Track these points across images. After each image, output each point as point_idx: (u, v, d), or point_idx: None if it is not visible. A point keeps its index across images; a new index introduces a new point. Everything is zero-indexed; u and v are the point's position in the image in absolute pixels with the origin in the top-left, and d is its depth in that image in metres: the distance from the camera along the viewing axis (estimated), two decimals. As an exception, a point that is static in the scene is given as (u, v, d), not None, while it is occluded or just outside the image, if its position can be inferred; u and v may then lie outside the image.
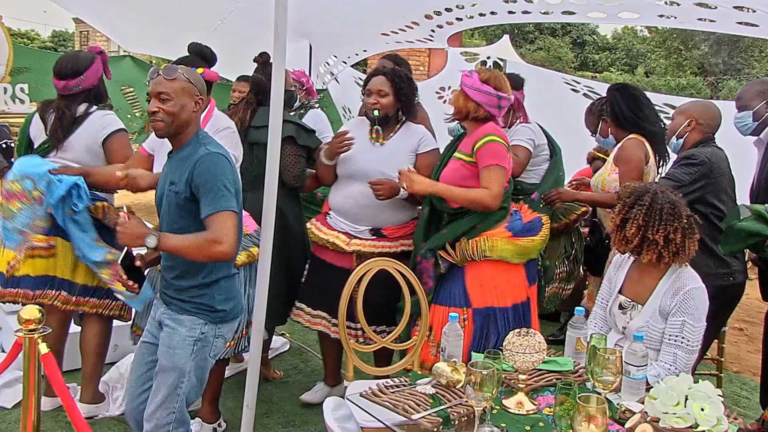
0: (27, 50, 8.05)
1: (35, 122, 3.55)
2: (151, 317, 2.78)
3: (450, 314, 2.74)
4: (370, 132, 3.64)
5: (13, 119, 5.75)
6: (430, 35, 5.83)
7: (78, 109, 3.46)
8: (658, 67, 29.73)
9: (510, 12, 4.64)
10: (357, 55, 6.99)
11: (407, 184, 3.32)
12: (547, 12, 4.52)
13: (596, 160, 5.50)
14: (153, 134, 3.85)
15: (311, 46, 7.02)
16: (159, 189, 2.70)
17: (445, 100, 8.16)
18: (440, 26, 5.47)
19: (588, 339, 2.56)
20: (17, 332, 2.56)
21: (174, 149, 2.63)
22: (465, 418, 2.28)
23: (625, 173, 3.71)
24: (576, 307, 2.79)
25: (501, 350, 2.40)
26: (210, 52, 3.56)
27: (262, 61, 3.95)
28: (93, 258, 3.34)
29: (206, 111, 3.20)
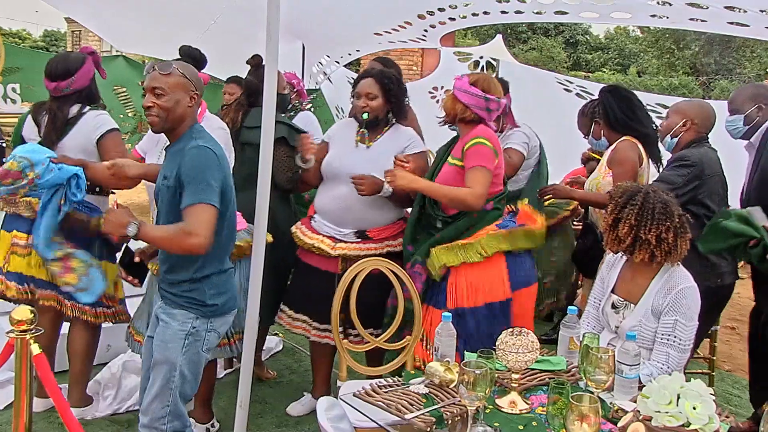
0: (18, 50, 8.01)
1: (28, 124, 3.54)
2: (153, 313, 2.80)
3: (443, 314, 2.74)
4: (357, 134, 3.63)
5: (5, 119, 5.74)
6: (423, 35, 5.82)
7: (71, 111, 3.44)
8: (651, 67, 29.82)
9: (503, 12, 4.64)
10: (350, 55, 6.99)
11: (390, 179, 3.32)
12: (540, 12, 4.52)
13: (591, 161, 5.51)
14: (146, 136, 3.86)
15: (304, 46, 7.01)
16: (156, 184, 2.72)
17: (438, 100, 8.16)
18: (433, 26, 5.46)
19: (581, 338, 2.57)
20: (9, 333, 2.55)
21: (170, 144, 2.65)
22: (458, 418, 2.28)
23: (620, 175, 3.71)
24: (569, 307, 2.80)
25: (494, 350, 2.41)
26: (200, 54, 3.56)
27: (255, 63, 3.95)
28: (45, 254, 3.28)
29: (198, 113, 3.19)
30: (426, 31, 5.66)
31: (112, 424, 3.62)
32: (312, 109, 7.47)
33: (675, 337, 2.63)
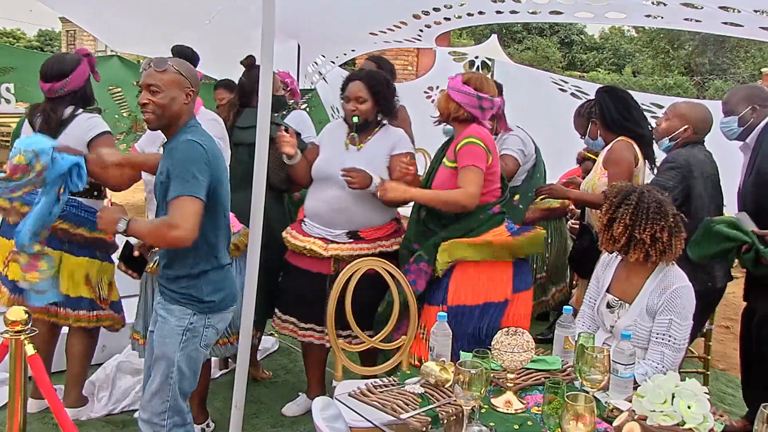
0: (13, 50, 8.01)
1: (25, 126, 3.54)
2: (153, 308, 2.81)
3: (438, 314, 2.74)
4: (347, 137, 3.61)
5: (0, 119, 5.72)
6: (418, 35, 5.82)
7: (64, 112, 3.44)
8: (646, 67, 29.90)
9: (498, 12, 4.64)
10: (345, 55, 6.98)
11: (380, 194, 3.32)
12: (535, 12, 4.52)
13: (586, 161, 5.52)
14: (145, 134, 3.87)
15: (299, 46, 7.01)
16: (154, 181, 2.74)
17: (433, 100, 8.17)
18: (428, 26, 5.46)
19: (576, 338, 2.58)
20: (3, 334, 2.54)
21: (166, 141, 2.65)
22: (454, 418, 2.28)
23: (615, 175, 3.72)
24: (564, 307, 2.81)
25: (489, 349, 2.41)
26: (192, 52, 3.56)
27: (248, 64, 3.96)
28: (25, 242, 3.17)
29: (194, 109, 3.20)
30: (421, 31, 5.66)
31: (107, 425, 3.61)
32: (307, 110, 7.47)
33: (670, 337, 2.64)
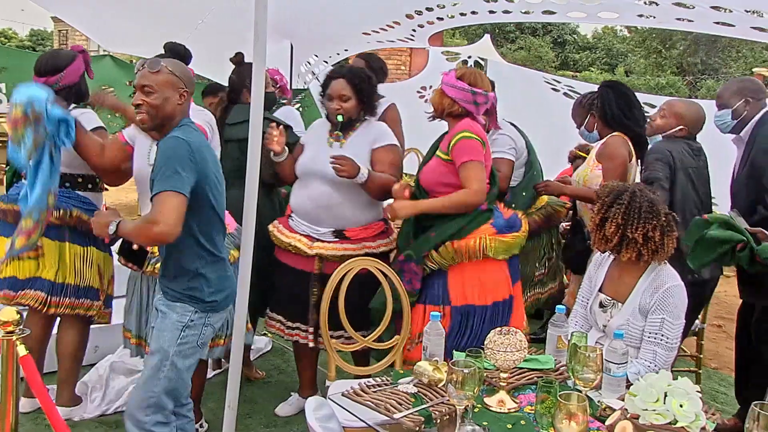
0: (4, 49, 7.99)
1: None
2: (153, 305, 2.82)
3: (431, 313, 2.74)
4: (330, 135, 3.59)
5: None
6: (411, 35, 5.83)
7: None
8: (638, 67, 29.99)
9: (491, 11, 4.65)
10: (338, 55, 6.98)
11: (391, 215, 3.31)
12: (528, 12, 4.53)
13: (577, 159, 5.52)
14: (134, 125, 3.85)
15: (292, 46, 7.00)
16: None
17: (426, 99, 8.18)
18: (421, 26, 5.47)
19: (569, 337, 2.58)
20: (-5, 334, 2.53)
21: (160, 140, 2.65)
22: (447, 417, 2.28)
23: (609, 170, 3.73)
24: (557, 306, 2.81)
25: (482, 348, 2.41)
26: (184, 50, 3.55)
27: (237, 61, 3.97)
28: (37, 206, 3.13)
29: (189, 109, 3.20)
30: (414, 31, 5.66)
31: (100, 426, 3.60)
32: (300, 109, 7.45)
33: (662, 336, 2.64)
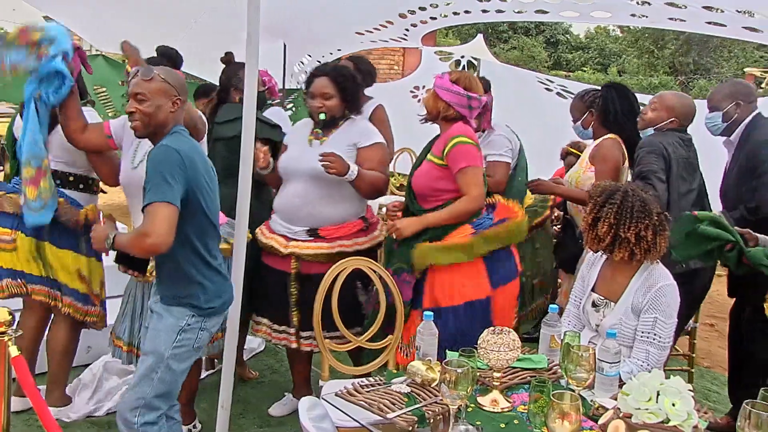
0: (-4, 49, 7.92)
1: (17, 122, 3.53)
2: (148, 306, 2.82)
3: (425, 313, 2.74)
4: (310, 133, 3.57)
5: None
6: (405, 34, 5.83)
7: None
8: (631, 67, 30.04)
9: (484, 11, 4.66)
10: (331, 54, 6.98)
11: (396, 235, 3.28)
12: (521, 11, 4.55)
13: (569, 156, 5.52)
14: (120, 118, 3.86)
15: (285, 46, 7.00)
16: None
17: (419, 99, 8.19)
18: (414, 25, 5.48)
19: (562, 336, 2.58)
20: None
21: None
22: (440, 417, 2.28)
23: (602, 172, 3.73)
24: (550, 305, 2.81)
25: (475, 348, 2.41)
26: (176, 53, 3.56)
27: (226, 61, 3.98)
28: (34, 153, 3.20)
29: (182, 116, 3.19)
30: (407, 30, 5.67)
31: (92, 426, 3.59)
32: (294, 109, 7.45)
33: (655, 335, 2.65)
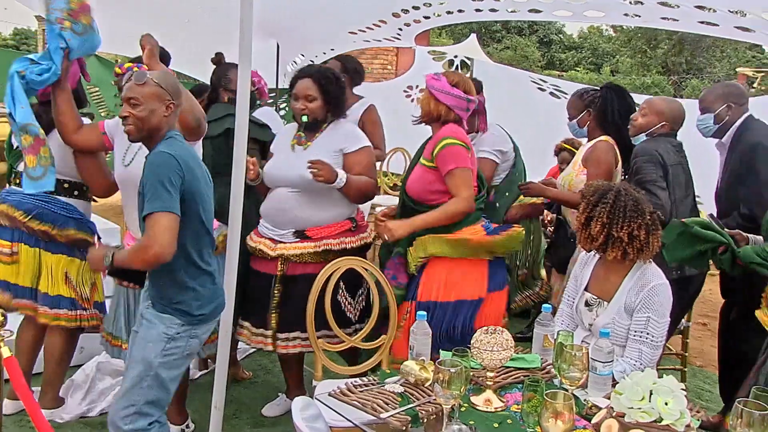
0: (-13, 48, 7.89)
1: None
2: (139, 312, 2.79)
3: (419, 313, 2.74)
4: (293, 138, 3.55)
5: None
6: (398, 34, 5.83)
7: None
8: (623, 66, 30.15)
9: (477, 10, 4.66)
10: (324, 54, 6.97)
11: (388, 236, 3.27)
12: (514, 10, 4.55)
13: (563, 152, 5.53)
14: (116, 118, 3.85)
15: (278, 46, 6.99)
16: None
17: (413, 99, 8.19)
18: (408, 24, 5.48)
19: (555, 336, 2.58)
20: (-22, 337, 2.51)
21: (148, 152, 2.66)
22: (433, 416, 2.28)
23: (595, 176, 3.72)
24: (543, 305, 2.82)
25: (469, 348, 2.41)
26: (163, 51, 3.56)
27: (216, 61, 4.00)
28: (19, 122, 3.18)
29: (176, 120, 3.19)
30: (401, 30, 5.67)
31: (85, 427, 3.58)
32: (286, 109, 7.43)
33: (648, 334, 2.65)
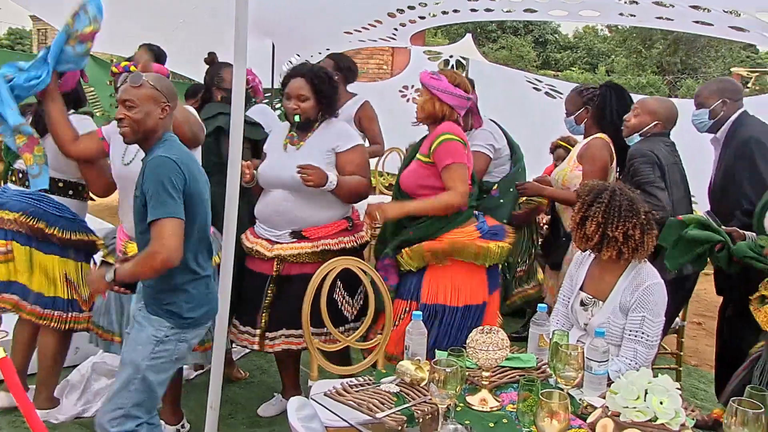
0: (-18, 48, 7.87)
1: None
2: (130, 312, 2.81)
3: (414, 312, 2.74)
4: (285, 137, 3.55)
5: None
6: (393, 34, 5.84)
7: None
8: (619, 66, 30.20)
9: (473, 10, 4.66)
10: (320, 54, 6.96)
11: (379, 215, 3.26)
12: (510, 10, 4.55)
13: (559, 149, 5.52)
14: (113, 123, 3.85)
15: (274, 45, 6.99)
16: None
17: (408, 99, 8.19)
18: (403, 24, 5.48)
19: (550, 335, 2.59)
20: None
21: (144, 155, 2.65)
22: (429, 416, 2.28)
23: (589, 173, 3.74)
24: (539, 305, 2.81)
25: (464, 347, 2.41)
26: (159, 50, 3.56)
27: (209, 61, 4.00)
28: (11, 124, 3.18)
29: (171, 122, 3.19)
30: (396, 30, 5.67)
31: (81, 428, 3.57)
32: (282, 108, 7.40)
33: (642, 334, 2.66)
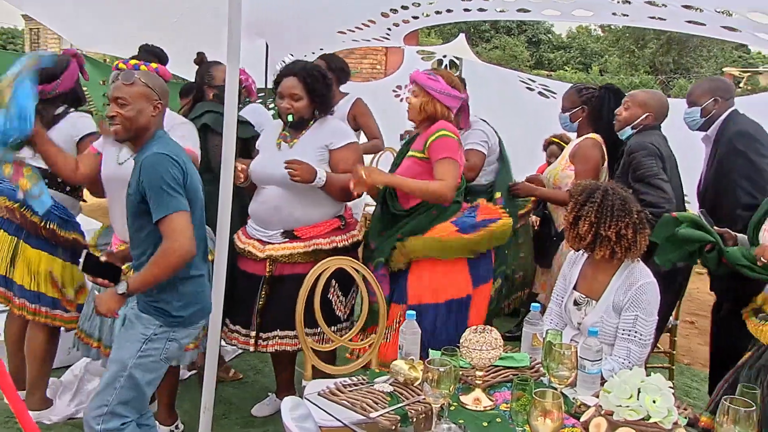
0: (-26, 48, 7.84)
1: None
2: (123, 313, 2.76)
3: (407, 312, 2.74)
4: (278, 136, 3.54)
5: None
6: (387, 33, 5.84)
7: (55, 111, 3.42)
8: (612, 66, 30.26)
9: (466, 9, 4.67)
10: (314, 54, 6.95)
11: (365, 174, 3.22)
12: (503, 10, 4.56)
13: (552, 145, 5.53)
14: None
15: (267, 45, 6.98)
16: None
17: (402, 99, 8.19)
18: (396, 24, 5.48)
19: (544, 335, 2.59)
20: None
21: (136, 153, 2.64)
22: (423, 416, 2.29)
23: (582, 172, 3.75)
24: (532, 304, 2.82)
25: (458, 347, 2.41)
26: (161, 51, 3.54)
27: (199, 61, 4.00)
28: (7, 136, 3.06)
29: (163, 120, 3.18)
30: (389, 30, 5.67)
31: (74, 429, 3.56)
32: (275, 108, 7.38)
33: (636, 333, 2.67)
